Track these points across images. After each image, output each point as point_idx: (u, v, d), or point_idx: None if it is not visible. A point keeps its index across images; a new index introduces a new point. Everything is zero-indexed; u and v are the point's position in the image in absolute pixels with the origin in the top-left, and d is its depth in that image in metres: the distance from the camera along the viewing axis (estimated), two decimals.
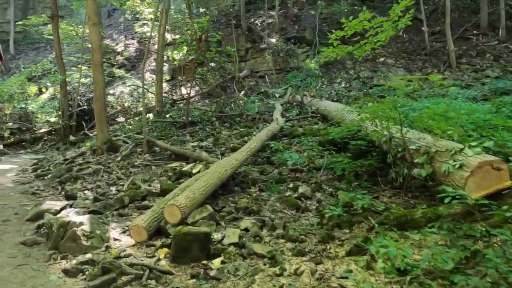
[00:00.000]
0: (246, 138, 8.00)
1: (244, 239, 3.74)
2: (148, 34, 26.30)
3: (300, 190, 5.11)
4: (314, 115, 8.64)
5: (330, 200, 4.86)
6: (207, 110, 10.03)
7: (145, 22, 25.86)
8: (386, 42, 5.33)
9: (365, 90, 14.29)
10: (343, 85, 16.72)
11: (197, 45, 8.99)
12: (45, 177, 7.15)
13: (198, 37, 8.83)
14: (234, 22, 21.36)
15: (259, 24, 22.99)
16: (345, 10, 20.10)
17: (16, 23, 26.51)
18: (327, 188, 5.25)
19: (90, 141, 11.18)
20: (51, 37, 16.31)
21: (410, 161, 4.48)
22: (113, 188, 6.03)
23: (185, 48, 9.22)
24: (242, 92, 17.25)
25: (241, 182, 5.61)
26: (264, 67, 20.94)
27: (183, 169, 6.37)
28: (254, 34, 21.99)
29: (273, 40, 20.56)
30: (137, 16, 27.38)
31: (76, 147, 12.60)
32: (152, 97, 20.24)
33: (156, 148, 7.98)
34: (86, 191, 5.99)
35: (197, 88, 22.05)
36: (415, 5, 13.32)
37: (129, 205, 5.16)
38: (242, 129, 8.60)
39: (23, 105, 17.42)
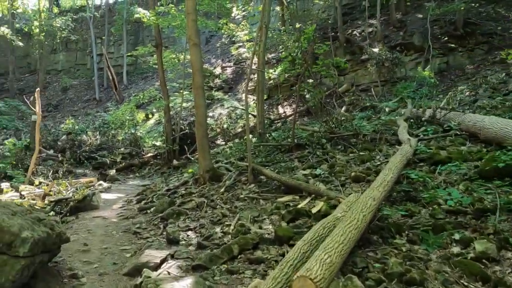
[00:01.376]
0: (368, 164, 6.53)
1: None
2: (244, 55, 26.67)
3: (478, 246, 3.50)
4: (458, 133, 6.78)
5: None
6: (316, 130, 8.81)
7: (240, 44, 26.22)
8: None
9: (500, 98, 11.66)
10: (467, 93, 14.12)
11: (303, 58, 7.92)
12: (148, 211, 6.68)
13: (304, 49, 7.77)
14: (332, 34, 20.09)
15: (358, 35, 21.41)
16: (462, 8, 17.37)
17: (126, 55, 29.19)
18: None
19: (192, 167, 10.84)
20: (157, 66, 17.09)
21: None
22: (218, 229, 5.13)
23: (287, 63, 8.26)
24: (343, 108, 15.79)
25: (379, 229, 4.20)
26: (366, 80, 19.23)
27: (299, 206, 5.19)
28: (353, 45, 20.47)
29: (376, 50, 18.75)
30: (233, 39, 28.03)
31: (179, 172, 12.51)
32: (250, 118, 19.94)
33: (262, 177, 7.01)
34: (189, 232, 5.19)
35: (294, 106, 21.17)
36: None
37: (239, 257, 4.15)
38: (361, 153, 7.15)
39: (133, 131, 18.50)
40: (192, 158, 14.08)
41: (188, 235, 5.06)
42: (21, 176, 11.14)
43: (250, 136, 13.23)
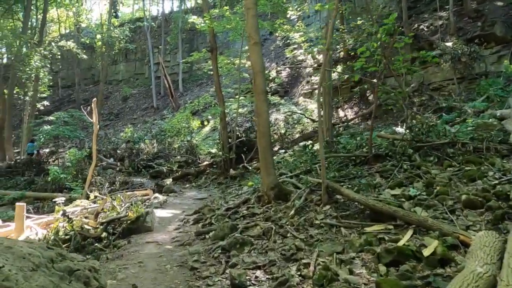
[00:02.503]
0: (480, 182, 5.09)
1: None
2: (300, 57, 25.52)
3: None
4: None
5: None
6: (398, 138, 7.43)
7: (295, 46, 25.18)
8: None
9: None
10: None
11: (382, 52, 6.65)
12: (207, 236, 5.78)
13: (384, 42, 6.51)
14: (400, 28, 18.32)
15: (426, 29, 19.40)
16: None
17: (181, 62, 29.36)
18: None
19: (251, 179, 9.92)
20: (211, 72, 16.52)
21: None
22: (294, 269, 4.05)
23: (363, 60, 7.03)
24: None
25: None
26: (438, 78, 17.27)
27: (400, 243, 3.95)
28: (421, 40, 18.50)
29: (449, 44, 16.72)
30: (287, 41, 27.01)
31: (236, 183, 11.66)
32: (308, 122, 18.70)
33: (339, 197, 5.83)
34: (257, 272, 4.16)
35: (355, 109, 19.62)
36: None
37: None
38: (467, 167, 5.68)
39: (189, 138, 18.10)
40: (250, 168, 13.20)
41: (256, 277, 4.03)
42: (79, 188, 10.95)
43: (309, 142, 12.06)
